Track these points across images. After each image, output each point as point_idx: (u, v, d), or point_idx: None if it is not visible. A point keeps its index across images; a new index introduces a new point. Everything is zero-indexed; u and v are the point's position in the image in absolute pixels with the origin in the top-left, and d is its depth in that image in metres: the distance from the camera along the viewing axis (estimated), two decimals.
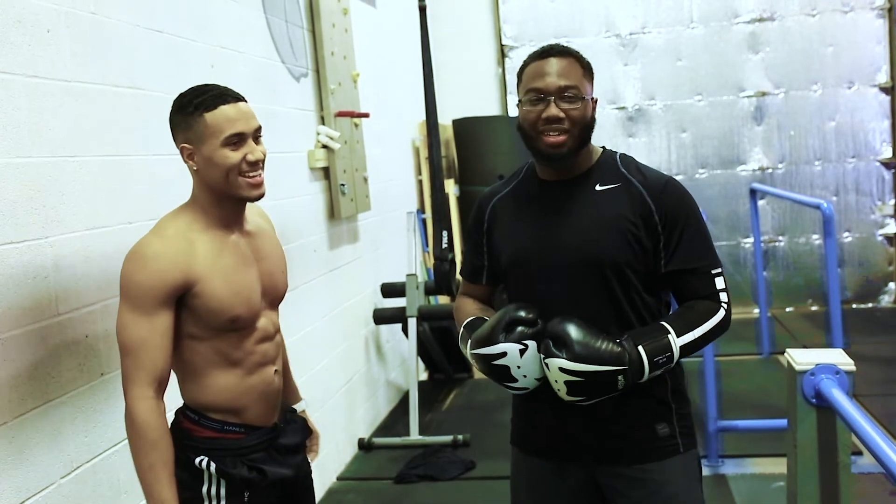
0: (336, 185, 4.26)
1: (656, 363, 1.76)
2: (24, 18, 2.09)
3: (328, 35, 4.25)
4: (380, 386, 5.06)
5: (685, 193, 1.89)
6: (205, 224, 1.86)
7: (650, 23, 6.89)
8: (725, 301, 1.85)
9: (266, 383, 1.95)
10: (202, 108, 1.80)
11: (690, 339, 1.79)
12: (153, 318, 1.75)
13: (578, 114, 1.82)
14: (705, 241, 1.87)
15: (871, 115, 6.70)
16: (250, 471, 1.87)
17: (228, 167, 1.81)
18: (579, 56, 1.89)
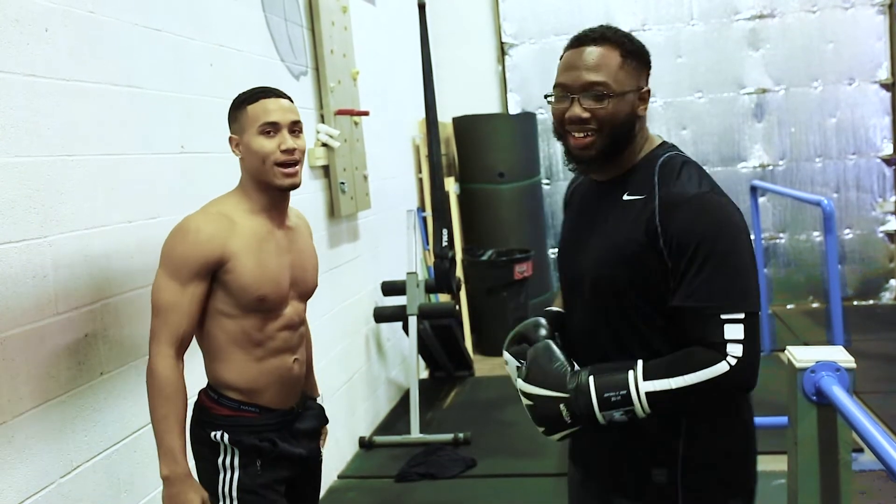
0: (336, 183, 4.26)
1: (607, 400, 1.55)
2: (21, 17, 2.08)
3: (327, 33, 4.25)
4: (380, 384, 5.06)
5: (706, 216, 1.55)
6: (248, 209, 2.02)
7: (650, 19, 6.88)
8: (736, 355, 1.49)
9: (284, 369, 2.07)
10: (246, 102, 2.01)
11: (660, 387, 1.52)
12: (186, 285, 1.91)
13: (606, 113, 1.61)
14: (723, 278, 1.52)
15: (872, 111, 6.69)
16: (261, 441, 2.00)
17: (264, 154, 1.97)
18: (621, 41, 1.63)
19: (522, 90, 7.18)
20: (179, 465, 1.88)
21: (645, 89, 1.67)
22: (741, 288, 1.53)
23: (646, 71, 1.68)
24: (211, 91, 3.06)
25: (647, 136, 1.72)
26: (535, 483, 3.91)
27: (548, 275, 7.06)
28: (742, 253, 1.55)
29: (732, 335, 1.51)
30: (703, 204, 1.57)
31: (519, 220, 6.62)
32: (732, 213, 1.59)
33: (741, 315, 1.51)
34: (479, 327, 6.38)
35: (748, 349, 1.51)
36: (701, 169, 1.66)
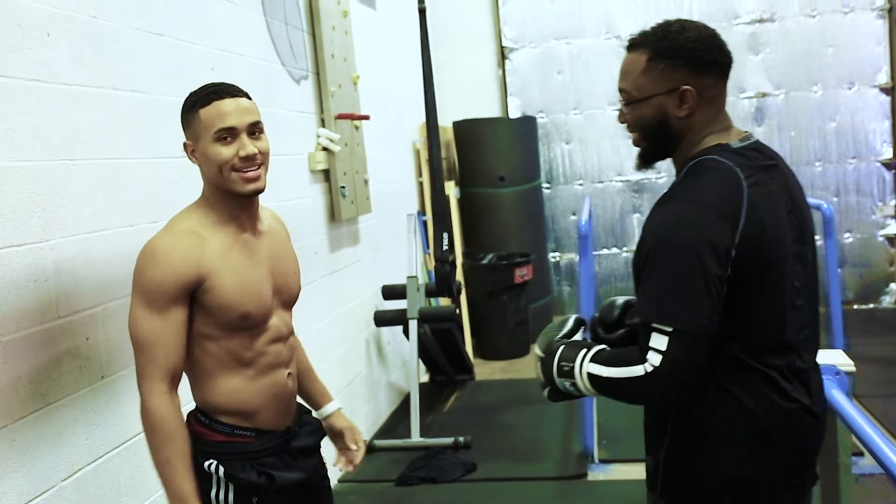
0: (336, 187, 4.26)
1: (560, 368, 1.68)
2: (24, 22, 2.09)
3: (328, 37, 4.26)
4: (381, 388, 5.06)
5: (663, 226, 1.58)
6: (215, 220, 1.86)
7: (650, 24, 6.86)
8: (654, 363, 1.51)
9: (278, 385, 1.93)
10: (198, 105, 1.82)
11: (597, 372, 1.61)
12: (166, 313, 1.75)
13: (632, 117, 1.70)
14: (661, 289, 1.54)
15: (872, 115, 6.70)
16: (259, 476, 1.85)
17: (220, 162, 1.80)
18: (653, 43, 1.68)
19: (523, 94, 7.19)
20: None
21: (682, 88, 1.63)
22: (678, 303, 1.52)
23: (688, 69, 1.63)
24: None
25: (709, 135, 1.67)
26: (536, 487, 3.91)
27: (548, 278, 7.07)
28: (680, 267, 1.52)
29: (655, 344, 1.52)
30: (667, 214, 1.59)
31: (519, 223, 6.62)
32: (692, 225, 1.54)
33: (669, 329, 1.51)
34: (479, 331, 6.38)
35: (668, 362, 1.51)
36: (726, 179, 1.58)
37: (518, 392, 5.41)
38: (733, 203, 1.55)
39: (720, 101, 1.69)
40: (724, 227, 1.53)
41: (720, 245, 1.52)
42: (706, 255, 1.51)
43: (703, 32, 1.69)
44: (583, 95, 7.08)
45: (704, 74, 1.64)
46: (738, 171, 1.58)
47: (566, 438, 4.46)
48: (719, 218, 1.54)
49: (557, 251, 7.31)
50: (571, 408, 4.93)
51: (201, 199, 1.91)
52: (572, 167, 7.18)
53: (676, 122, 1.65)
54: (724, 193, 1.56)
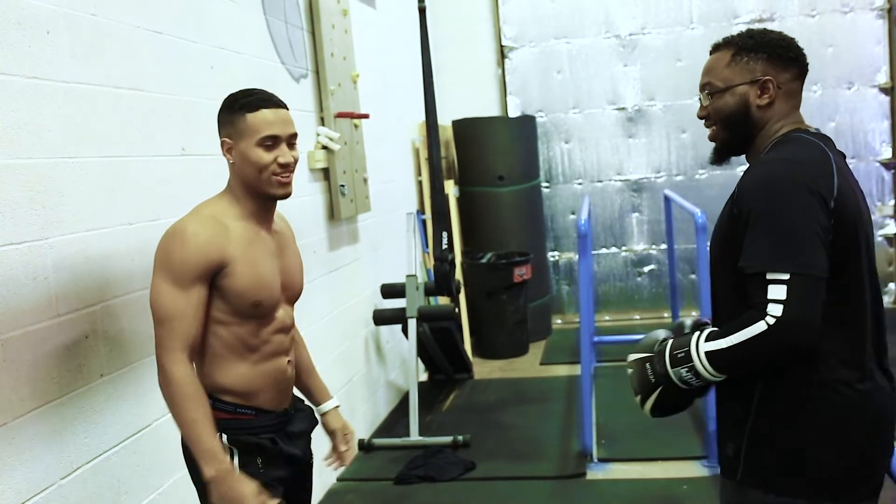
0: (336, 186, 4.26)
1: (674, 357, 1.67)
2: (23, 20, 2.09)
3: (328, 36, 4.25)
4: (379, 387, 5.06)
5: (760, 180, 1.63)
6: (238, 213, 2.00)
7: (650, 23, 6.89)
8: (775, 315, 1.50)
9: (279, 371, 2.07)
10: (246, 109, 1.96)
11: (716, 347, 1.60)
12: (189, 290, 1.88)
13: (714, 109, 1.80)
14: (768, 239, 1.56)
15: (871, 115, 6.70)
16: (260, 439, 1.99)
17: (261, 166, 1.96)
18: (737, 41, 1.78)
19: (522, 93, 7.19)
20: (223, 462, 1.85)
21: (764, 79, 1.73)
22: (786, 248, 1.53)
23: (769, 62, 1.74)
24: (212, 93, 3.06)
25: (785, 126, 1.76)
26: (534, 486, 3.91)
27: (547, 278, 7.07)
28: (791, 214, 1.55)
29: (774, 295, 1.52)
30: (763, 169, 1.66)
31: (518, 223, 6.62)
32: (793, 174, 1.59)
33: (785, 276, 1.52)
34: (478, 330, 6.38)
35: (790, 309, 1.50)
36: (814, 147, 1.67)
37: (517, 391, 5.41)
38: (825, 165, 1.64)
39: (797, 99, 1.79)
40: (821, 177, 1.60)
41: (824, 194, 1.58)
42: (813, 202, 1.56)
43: (785, 35, 1.80)
44: (582, 95, 7.08)
45: (785, 69, 1.75)
46: (821, 143, 1.70)
47: (565, 437, 4.47)
48: (816, 170, 1.62)
49: (556, 250, 7.31)
50: (570, 407, 4.94)
51: (227, 192, 2.04)
52: (571, 166, 7.18)
53: (756, 111, 1.75)
54: (816, 157, 1.65)
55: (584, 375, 4.26)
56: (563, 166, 7.20)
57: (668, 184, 6.95)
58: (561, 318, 7.29)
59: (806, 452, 1.64)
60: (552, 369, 5.89)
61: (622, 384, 5.41)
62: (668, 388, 1.71)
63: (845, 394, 1.63)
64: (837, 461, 1.64)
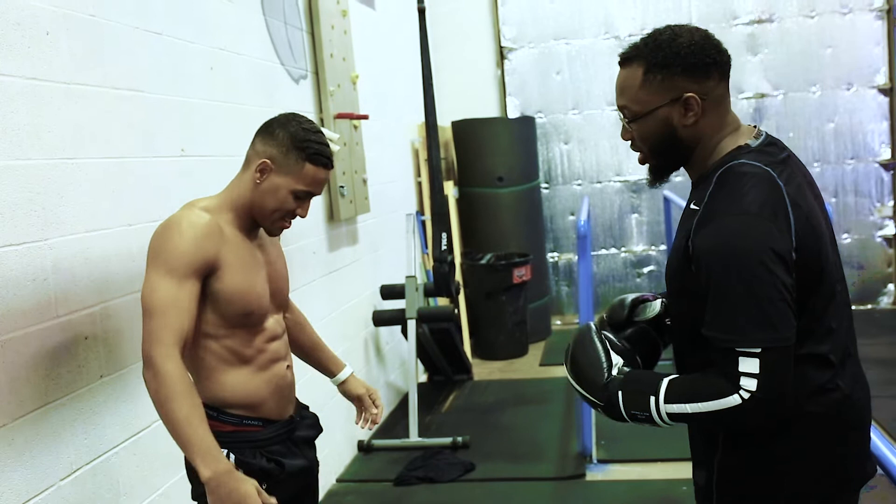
0: (335, 187, 4.26)
1: (634, 416, 1.57)
2: (23, 21, 2.09)
3: (327, 37, 4.26)
4: (379, 388, 5.06)
5: (725, 241, 1.47)
6: (231, 220, 1.96)
7: (649, 24, 6.89)
8: (749, 389, 1.43)
9: (279, 377, 2.04)
10: (309, 156, 1.92)
11: (679, 410, 1.51)
12: (184, 283, 1.82)
13: (637, 134, 1.63)
14: (731, 309, 1.45)
15: (870, 116, 6.70)
16: (269, 462, 1.96)
17: (283, 210, 1.95)
18: (648, 55, 1.59)
19: (521, 94, 7.19)
20: (221, 461, 1.74)
21: (685, 96, 1.56)
22: (755, 321, 1.44)
23: (686, 76, 1.56)
24: (211, 94, 3.06)
25: (723, 138, 1.62)
26: (534, 487, 3.91)
27: (546, 279, 7.07)
28: (754, 282, 1.44)
29: (746, 368, 1.44)
30: (718, 230, 1.49)
31: (518, 224, 6.62)
32: (750, 237, 1.46)
33: (756, 349, 1.43)
34: (477, 331, 6.38)
35: (765, 384, 1.43)
36: (764, 182, 1.51)
37: (516, 392, 5.41)
38: (779, 206, 1.49)
39: (726, 103, 1.63)
40: (779, 231, 1.47)
41: (783, 251, 1.46)
42: (773, 264, 1.45)
43: (696, 35, 1.61)
44: (581, 95, 7.08)
45: (705, 78, 1.57)
46: (770, 171, 1.53)
47: (564, 438, 4.46)
48: (772, 224, 1.47)
49: (556, 251, 7.31)
50: (570, 408, 4.93)
51: (226, 198, 1.99)
52: (571, 167, 7.19)
53: (684, 131, 1.59)
54: (767, 198, 1.49)
55: None
56: (562, 167, 7.21)
57: (667, 184, 6.92)
58: (560, 319, 7.30)
59: (778, 481, 1.58)
60: (552, 370, 5.89)
61: None
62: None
63: (813, 418, 1.56)
64: (811, 484, 1.59)
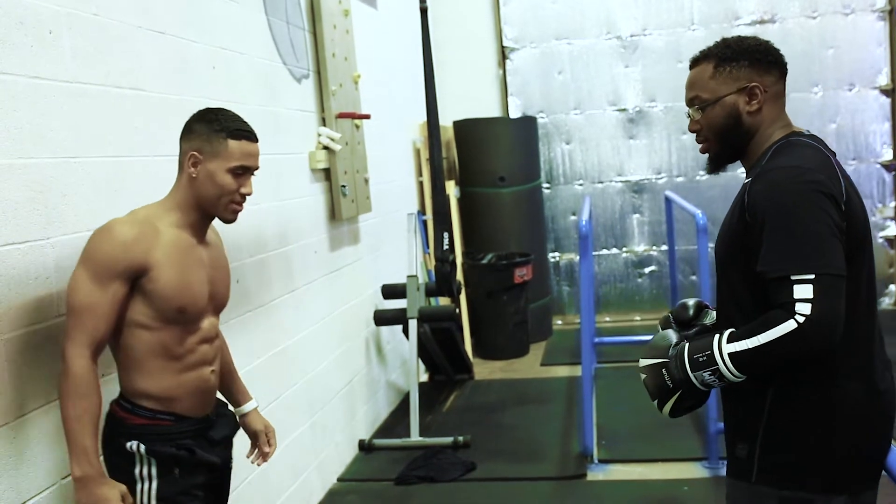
0: (337, 186, 4.27)
1: (696, 361, 1.67)
2: (26, 20, 2.09)
3: (329, 36, 4.26)
4: (380, 387, 5.06)
5: (774, 185, 1.65)
6: (174, 222, 2.03)
7: (651, 24, 6.89)
8: (804, 313, 1.54)
9: (202, 380, 2.09)
10: (228, 133, 2.02)
11: (740, 348, 1.61)
12: (107, 286, 1.89)
13: (706, 122, 1.81)
14: (789, 242, 1.59)
15: (872, 117, 6.70)
16: (179, 449, 2.00)
17: (225, 191, 2.02)
18: (717, 52, 1.81)
19: (523, 94, 7.19)
20: (93, 465, 1.85)
21: (750, 85, 1.77)
22: (808, 250, 1.57)
23: (752, 68, 1.78)
24: (214, 94, 3.07)
25: (776, 130, 1.81)
26: (535, 486, 3.91)
27: (548, 279, 7.07)
28: (807, 216, 1.58)
29: (801, 294, 1.55)
30: (773, 176, 1.66)
31: (519, 223, 6.63)
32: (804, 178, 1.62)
33: (810, 276, 1.55)
34: (478, 331, 6.39)
35: (818, 307, 1.54)
36: (815, 149, 1.71)
37: (517, 392, 5.42)
38: (830, 168, 1.68)
39: (783, 100, 1.84)
40: (830, 180, 1.64)
41: (836, 195, 1.62)
42: (826, 203, 1.60)
43: (760, 40, 1.84)
44: (583, 95, 7.08)
45: (768, 72, 1.80)
46: (820, 146, 1.75)
47: (565, 438, 4.47)
48: (823, 173, 1.64)
49: (557, 251, 7.31)
50: (571, 408, 4.94)
51: (170, 200, 2.07)
52: (572, 167, 7.19)
53: (748, 118, 1.79)
54: (818, 157, 1.70)
55: (585, 376, 4.26)
56: (563, 167, 7.21)
57: (668, 185, 6.95)
58: (561, 319, 7.30)
59: (822, 450, 1.67)
60: (553, 370, 5.89)
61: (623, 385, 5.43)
62: (688, 391, 1.73)
63: (856, 391, 1.67)
64: (852, 456, 1.69)
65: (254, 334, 3.32)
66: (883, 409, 1.72)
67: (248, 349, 3.26)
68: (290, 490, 3.59)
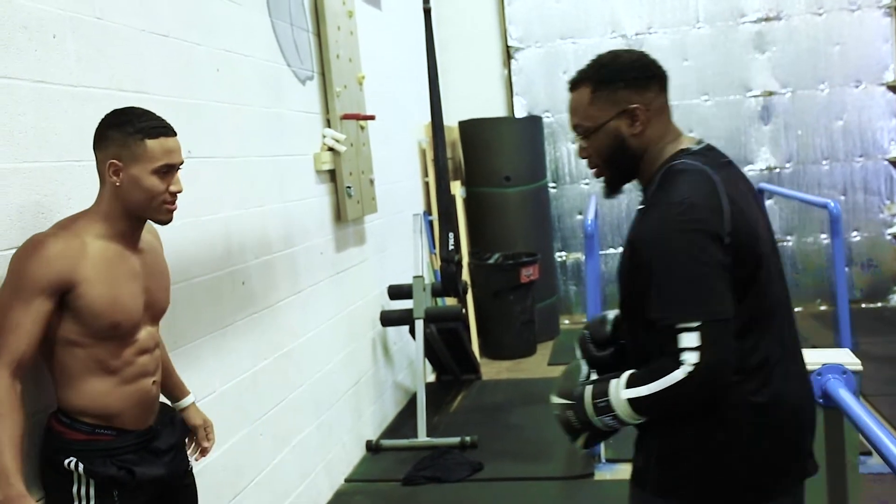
0: (342, 187, 4.27)
1: (597, 406, 1.67)
2: (29, 24, 2.10)
3: (333, 38, 4.26)
4: (387, 388, 5.06)
5: (655, 231, 1.62)
6: (101, 233, 1.94)
7: (656, 23, 6.88)
8: (692, 362, 1.53)
9: (143, 392, 2.02)
10: (144, 134, 1.91)
11: (636, 395, 1.61)
12: (30, 304, 1.81)
13: (593, 149, 1.77)
14: (670, 287, 1.57)
15: (879, 113, 6.67)
16: (119, 470, 1.93)
17: (154, 193, 1.93)
18: (592, 76, 1.77)
19: (528, 94, 7.18)
20: (14, 486, 1.75)
21: (630, 108, 1.71)
22: (692, 296, 1.55)
23: (630, 89, 1.72)
24: (217, 96, 3.07)
25: (666, 145, 1.75)
26: (542, 487, 3.91)
27: (554, 278, 7.06)
28: (689, 260, 1.56)
29: (687, 343, 1.54)
30: (660, 212, 1.62)
31: (525, 223, 6.62)
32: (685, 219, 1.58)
33: (695, 323, 1.53)
34: (485, 331, 6.38)
35: (705, 356, 1.52)
36: (698, 176, 1.64)
37: (524, 392, 5.41)
38: (713, 195, 1.61)
39: (667, 113, 1.78)
40: (713, 216, 1.58)
41: (716, 232, 1.57)
42: (708, 242, 1.56)
43: (634, 54, 1.79)
44: None
45: (647, 88, 1.74)
46: (706, 169, 1.66)
47: None
48: (706, 209, 1.59)
49: (563, 251, 7.30)
50: None
51: (95, 211, 1.97)
52: (578, 166, 7.17)
53: (633, 140, 1.73)
54: (703, 189, 1.62)
55: None
56: (569, 166, 7.20)
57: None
58: (568, 319, 7.28)
59: (712, 467, 1.66)
60: (560, 370, 5.86)
61: None
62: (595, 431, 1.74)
63: (750, 407, 1.64)
64: (747, 471, 1.65)
65: (260, 336, 3.32)
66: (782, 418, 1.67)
67: (254, 351, 3.26)
68: (297, 491, 3.59)
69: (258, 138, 3.43)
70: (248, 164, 3.31)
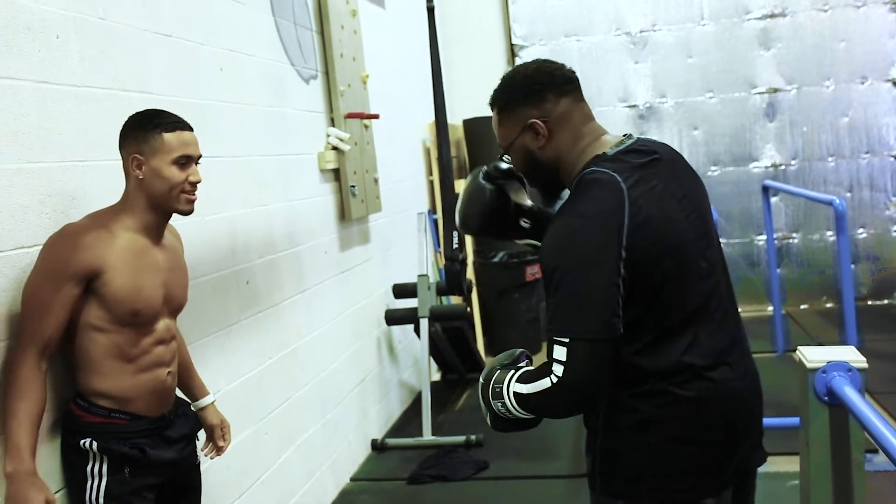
0: (346, 186, 4.27)
1: (493, 390, 1.73)
2: (33, 25, 2.10)
3: (337, 37, 4.26)
4: (392, 386, 5.07)
5: (554, 242, 1.66)
6: (129, 225, 2.05)
7: (660, 20, 6.86)
8: (557, 374, 1.59)
9: (158, 381, 2.12)
10: (162, 128, 2.04)
11: (520, 390, 1.67)
12: (59, 289, 1.91)
13: (515, 164, 1.87)
14: (556, 300, 1.62)
15: (885, 110, 6.64)
16: (131, 448, 2.03)
17: (174, 183, 2.05)
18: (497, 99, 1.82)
19: None
20: (24, 462, 1.85)
21: (528, 122, 1.75)
22: (570, 313, 1.59)
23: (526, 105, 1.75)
24: (221, 96, 3.07)
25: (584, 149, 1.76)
26: (548, 485, 3.90)
27: None
28: (576, 278, 1.59)
29: (557, 356, 1.60)
30: (554, 231, 1.67)
31: None
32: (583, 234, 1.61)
33: (565, 339, 1.58)
34: (490, 329, 6.37)
35: (567, 371, 1.58)
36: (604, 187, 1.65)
37: None
38: (615, 207, 1.61)
39: (575, 117, 1.77)
40: (606, 232, 1.60)
41: (609, 249, 1.59)
42: (598, 261, 1.59)
43: (530, 68, 1.79)
44: (592, 92, 7.04)
45: (542, 100, 1.74)
46: (616, 176, 1.65)
47: (578, 436, 4.45)
48: (601, 224, 1.61)
49: None
50: None
51: (123, 204, 2.09)
52: None
53: (541, 153, 1.77)
54: (602, 200, 1.63)
55: None
56: None
57: None
58: None
59: (650, 463, 1.70)
60: None
61: None
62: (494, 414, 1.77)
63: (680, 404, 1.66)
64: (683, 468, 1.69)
65: (265, 335, 3.32)
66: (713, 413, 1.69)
67: (259, 350, 3.27)
68: (302, 490, 3.60)
69: (262, 138, 3.43)
70: (252, 163, 3.32)
